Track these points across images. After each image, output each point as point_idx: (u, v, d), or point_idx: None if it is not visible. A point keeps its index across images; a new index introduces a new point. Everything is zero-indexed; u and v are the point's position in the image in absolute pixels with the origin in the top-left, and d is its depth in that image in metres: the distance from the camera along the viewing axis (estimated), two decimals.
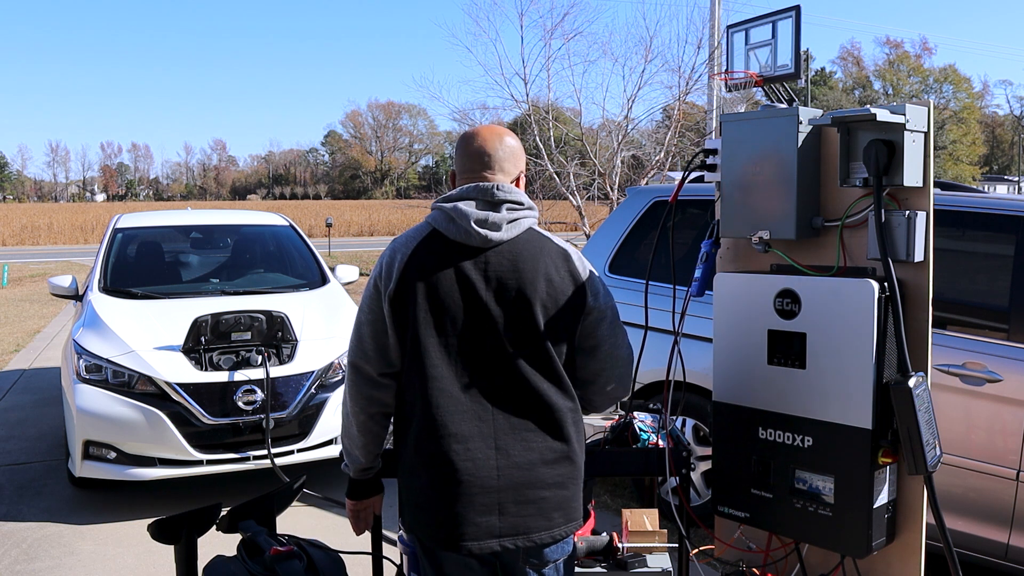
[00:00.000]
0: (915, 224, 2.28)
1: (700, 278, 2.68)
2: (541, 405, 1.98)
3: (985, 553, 3.44)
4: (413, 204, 36.47)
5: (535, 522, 1.96)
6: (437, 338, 1.97)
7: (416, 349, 1.98)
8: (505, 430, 1.96)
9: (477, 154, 2.08)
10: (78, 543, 4.34)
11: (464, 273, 1.97)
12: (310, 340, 5.11)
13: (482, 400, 1.96)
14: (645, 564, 2.75)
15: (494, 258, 1.97)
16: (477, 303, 1.96)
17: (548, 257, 2.01)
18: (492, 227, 1.97)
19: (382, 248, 29.31)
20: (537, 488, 1.96)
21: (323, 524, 4.59)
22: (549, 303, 1.98)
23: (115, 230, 6.43)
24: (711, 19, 13.57)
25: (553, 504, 1.98)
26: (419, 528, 2.02)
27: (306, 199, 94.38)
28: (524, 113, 14.03)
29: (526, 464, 1.96)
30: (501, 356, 1.96)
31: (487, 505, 1.94)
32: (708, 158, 2.64)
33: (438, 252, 1.99)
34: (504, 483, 1.95)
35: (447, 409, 1.96)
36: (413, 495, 2.02)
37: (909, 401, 2.18)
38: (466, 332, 1.97)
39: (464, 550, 1.94)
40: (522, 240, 2.01)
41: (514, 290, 1.96)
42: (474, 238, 1.97)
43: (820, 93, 69.71)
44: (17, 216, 44.07)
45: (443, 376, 1.97)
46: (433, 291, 1.97)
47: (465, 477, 1.94)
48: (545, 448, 1.98)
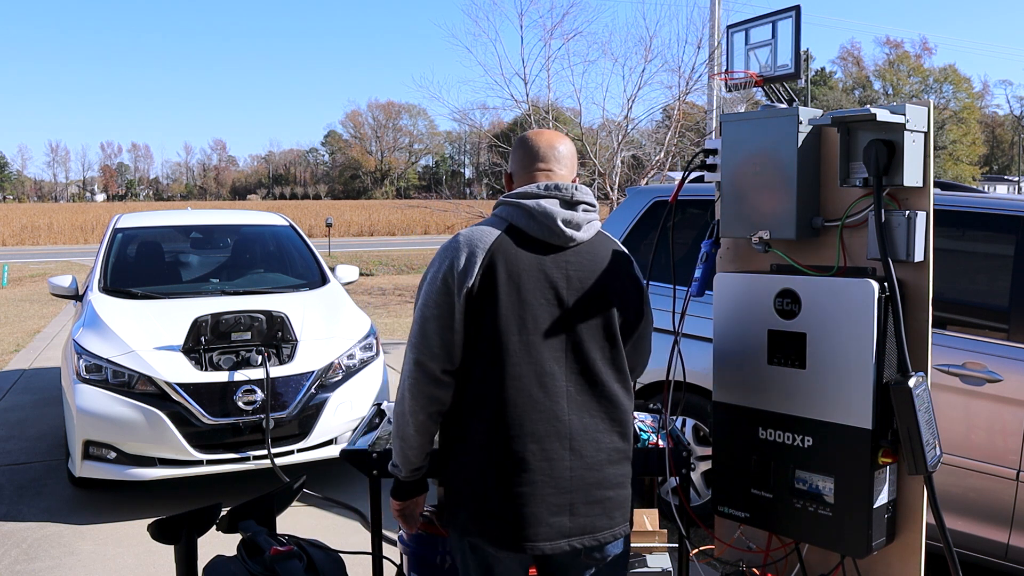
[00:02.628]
0: (915, 224, 2.28)
1: (700, 278, 2.68)
2: (612, 405, 2.01)
3: (985, 553, 3.44)
4: (413, 204, 36.39)
5: (600, 521, 2.00)
6: (519, 335, 1.95)
7: (496, 346, 1.94)
8: (579, 431, 1.97)
9: (549, 150, 2.09)
10: (78, 543, 4.34)
11: (548, 271, 1.97)
12: (310, 340, 5.11)
13: (559, 400, 1.96)
14: (645, 564, 2.75)
15: (574, 258, 2.00)
16: (559, 302, 1.97)
17: (620, 259, 2.07)
18: (575, 227, 2.00)
19: (382, 248, 28.98)
20: (604, 488, 2.00)
21: (323, 524, 4.59)
22: (621, 304, 2.03)
23: (115, 230, 6.43)
24: (711, 19, 13.56)
25: (616, 503, 2.02)
26: (479, 528, 1.98)
27: (306, 199, 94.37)
28: (524, 113, 14.01)
29: (596, 465, 1.98)
30: (579, 355, 1.98)
31: (560, 506, 1.95)
32: (708, 158, 2.64)
33: (521, 249, 1.97)
34: (576, 484, 1.97)
35: (524, 408, 1.94)
36: (475, 495, 1.98)
37: (909, 401, 2.18)
38: (547, 330, 1.96)
39: (536, 551, 1.94)
40: (596, 241, 2.05)
41: (595, 290, 1.99)
42: (559, 237, 1.98)
43: (820, 93, 69.71)
44: (17, 216, 44.07)
45: (522, 375, 1.94)
46: (517, 287, 1.94)
47: (540, 478, 1.94)
48: (612, 449, 2.01)
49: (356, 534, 4.46)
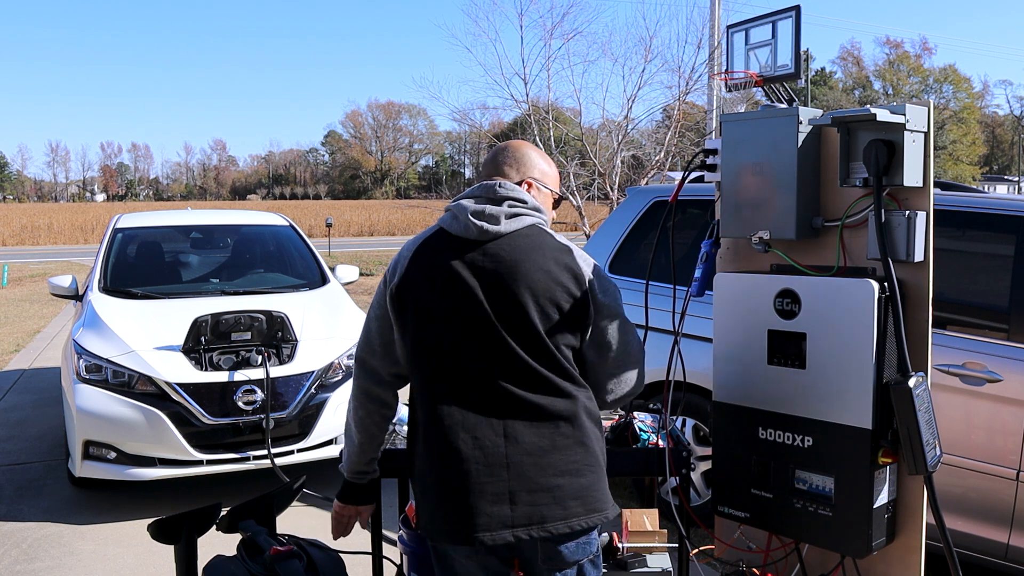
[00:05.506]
0: (915, 224, 2.28)
1: (700, 278, 2.68)
2: (548, 391, 1.95)
3: (985, 553, 3.44)
4: (413, 204, 36.47)
5: (550, 511, 1.92)
6: (439, 329, 1.97)
7: (416, 343, 1.99)
8: (513, 417, 1.94)
9: (489, 159, 2.17)
10: (78, 543, 4.34)
11: (459, 265, 1.98)
12: (310, 340, 5.11)
13: (487, 388, 1.95)
14: (645, 564, 2.75)
15: (492, 250, 1.98)
16: (470, 294, 1.96)
17: (546, 250, 1.99)
18: (489, 219, 1.98)
19: (382, 248, 29.06)
20: (550, 476, 1.93)
21: (323, 524, 4.58)
22: (543, 294, 1.95)
23: (115, 230, 6.43)
24: (711, 19, 13.57)
25: (570, 492, 1.93)
26: (432, 526, 1.99)
27: (306, 199, 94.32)
28: (524, 113, 14.01)
29: (536, 450, 1.93)
30: (500, 345, 1.94)
31: (498, 494, 1.91)
32: (708, 158, 2.64)
33: (439, 247, 2.02)
34: (515, 471, 1.92)
35: (452, 400, 1.95)
36: (426, 494, 2.01)
37: (909, 401, 2.18)
38: (465, 323, 1.96)
39: (477, 542, 1.91)
40: (521, 234, 2.00)
41: (506, 281, 1.95)
42: (471, 230, 1.98)
43: (820, 93, 69.72)
44: (17, 216, 44.07)
45: (446, 368, 1.97)
46: (431, 284, 1.98)
47: (474, 466, 1.92)
48: (556, 434, 1.94)
49: (356, 534, 4.43)
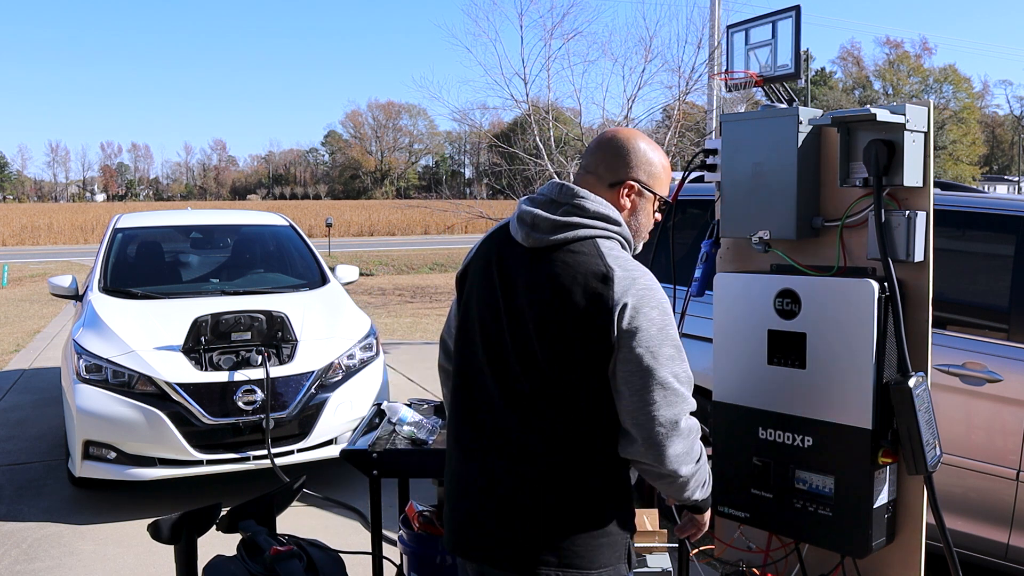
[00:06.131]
0: (915, 224, 2.28)
1: (700, 278, 2.68)
2: (541, 428, 1.77)
3: (985, 553, 3.43)
4: (413, 204, 36.37)
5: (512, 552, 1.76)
6: (468, 334, 1.91)
7: (456, 342, 1.96)
8: (502, 444, 1.80)
9: (588, 149, 1.92)
10: (78, 543, 4.34)
11: (496, 269, 1.85)
12: (310, 340, 5.11)
13: (490, 406, 1.83)
14: (645, 564, 2.75)
15: (531, 260, 1.80)
16: (494, 305, 1.84)
17: (580, 270, 1.73)
18: (534, 226, 1.79)
19: (382, 248, 29.03)
20: (524, 517, 1.76)
21: (323, 524, 4.59)
22: (553, 319, 1.74)
23: (115, 230, 6.43)
24: (711, 19, 13.55)
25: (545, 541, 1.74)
26: (445, 532, 1.96)
27: (306, 199, 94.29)
28: (524, 113, 13.99)
29: (512, 489, 1.77)
30: (505, 366, 1.81)
31: (471, 514, 1.83)
32: (708, 158, 2.65)
33: (497, 241, 1.89)
34: (487, 500, 1.80)
35: (460, 411, 1.91)
36: (442, 499, 2.02)
37: (909, 401, 2.18)
38: (486, 334, 1.85)
39: (468, 557, 1.87)
40: (569, 250, 1.77)
41: (521, 301, 1.78)
42: (519, 233, 1.83)
43: (820, 93, 69.69)
44: (17, 216, 44.06)
45: (464, 373, 1.91)
46: (478, 279, 1.89)
47: (458, 484, 1.87)
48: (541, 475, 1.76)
49: (356, 534, 4.46)
